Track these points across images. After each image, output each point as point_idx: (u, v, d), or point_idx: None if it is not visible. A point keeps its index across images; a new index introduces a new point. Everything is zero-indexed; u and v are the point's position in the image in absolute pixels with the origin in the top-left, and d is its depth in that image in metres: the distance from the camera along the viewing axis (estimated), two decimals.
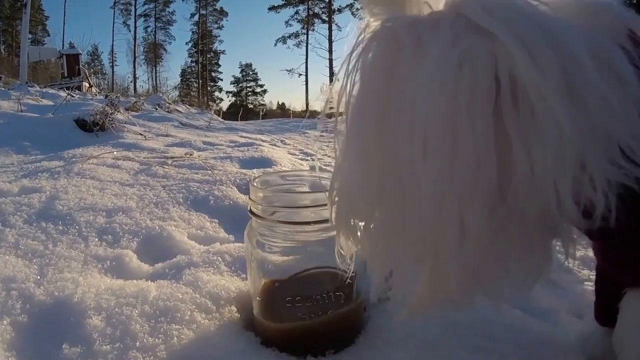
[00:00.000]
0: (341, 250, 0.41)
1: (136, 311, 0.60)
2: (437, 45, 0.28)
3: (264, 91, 26.37)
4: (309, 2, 23.37)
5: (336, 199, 0.37)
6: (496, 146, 0.27)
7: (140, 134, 2.59)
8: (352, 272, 0.56)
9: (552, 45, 0.26)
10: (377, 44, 0.32)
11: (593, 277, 0.58)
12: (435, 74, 0.27)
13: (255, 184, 0.58)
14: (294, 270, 0.55)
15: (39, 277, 0.69)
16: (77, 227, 0.91)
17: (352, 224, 0.36)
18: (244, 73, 26.27)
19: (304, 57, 23.66)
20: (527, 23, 0.27)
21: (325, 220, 0.53)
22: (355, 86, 0.33)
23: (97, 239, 0.87)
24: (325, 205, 0.52)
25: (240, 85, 26.27)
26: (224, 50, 26.10)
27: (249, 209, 0.57)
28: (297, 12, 23.81)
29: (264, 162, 1.76)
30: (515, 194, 0.28)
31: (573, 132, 0.26)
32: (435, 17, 0.30)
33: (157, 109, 4.69)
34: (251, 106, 24.21)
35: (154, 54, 24.36)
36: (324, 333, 0.56)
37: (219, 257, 0.78)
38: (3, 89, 4.52)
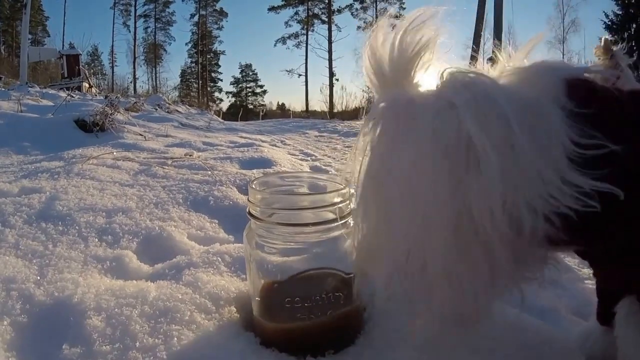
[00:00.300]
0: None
1: (136, 311, 0.60)
2: (423, 119, 0.38)
3: (264, 92, 26.39)
4: (309, 2, 23.40)
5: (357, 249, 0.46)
6: (457, 186, 0.36)
7: (140, 135, 2.59)
8: (351, 273, 0.56)
9: (496, 114, 0.36)
10: (382, 122, 0.41)
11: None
12: (418, 140, 0.38)
13: (253, 186, 0.58)
14: (293, 271, 0.55)
15: (39, 278, 0.69)
16: (77, 227, 0.91)
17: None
18: (244, 73, 26.29)
19: (304, 57, 23.71)
20: (483, 100, 0.37)
21: (324, 222, 0.53)
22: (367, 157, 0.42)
23: (97, 240, 0.87)
24: (324, 206, 0.52)
25: (240, 85, 26.28)
26: (223, 51, 26.12)
27: (247, 210, 0.57)
28: (296, 13, 23.86)
29: (264, 163, 1.76)
30: (470, 221, 0.37)
31: (502, 173, 0.35)
32: (426, 96, 0.40)
33: (157, 109, 4.69)
34: (251, 107, 24.22)
35: (153, 54, 24.37)
36: (323, 334, 0.56)
37: (218, 258, 0.78)
38: (3, 89, 4.53)
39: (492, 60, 0.46)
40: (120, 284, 0.69)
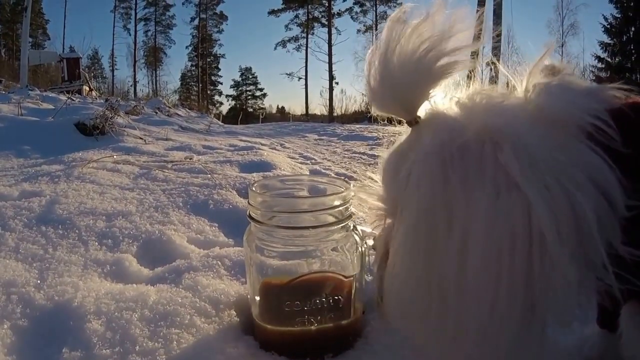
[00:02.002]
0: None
1: (136, 315, 0.60)
2: (484, 199, 0.35)
3: (264, 95, 26.43)
4: (309, 6, 23.44)
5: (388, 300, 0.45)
6: (529, 277, 0.35)
7: (140, 138, 2.59)
8: (351, 277, 0.56)
9: (570, 206, 0.34)
10: (425, 169, 0.39)
11: None
12: (484, 225, 0.35)
13: (254, 189, 0.58)
14: (292, 275, 0.55)
15: (39, 282, 0.69)
16: (77, 231, 0.91)
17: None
18: (244, 77, 26.34)
19: (304, 60, 23.75)
20: (555, 188, 0.34)
21: (324, 225, 0.54)
22: (407, 206, 0.40)
23: (97, 243, 0.87)
24: (324, 209, 0.53)
25: (240, 89, 26.32)
26: (223, 54, 26.15)
27: (248, 213, 0.57)
28: (296, 16, 23.90)
29: (264, 166, 1.76)
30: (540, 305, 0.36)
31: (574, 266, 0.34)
32: (476, 156, 0.37)
33: (157, 112, 4.70)
34: (251, 110, 24.27)
35: (154, 57, 24.40)
36: (322, 337, 0.56)
37: (218, 261, 0.78)
38: (3, 92, 4.54)
39: (492, 64, 0.45)
40: (120, 287, 0.69)
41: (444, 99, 0.44)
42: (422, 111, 0.44)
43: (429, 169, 0.38)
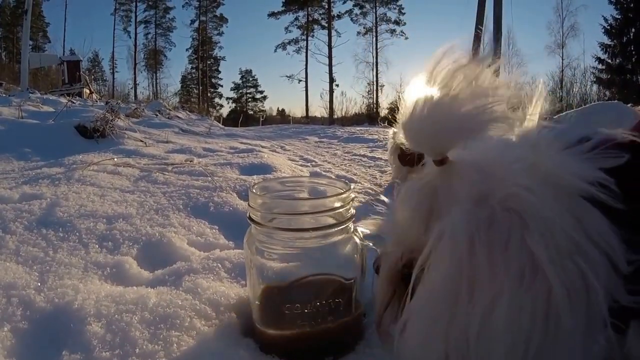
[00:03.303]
0: None
1: (136, 318, 0.60)
2: (508, 281, 0.36)
3: (264, 97, 26.42)
4: (309, 8, 23.49)
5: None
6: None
7: (141, 141, 2.59)
8: (351, 279, 0.56)
9: (583, 284, 0.36)
10: (452, 241, 0.39)
11: None
12: (506, 307, 0.36)
13: (254, 191, 0.58)
14: (293, 277, 0.55)
15: (39, 284, 0.69)
16: (77, 233, 0.91)
17: None
18: (244, 79, 26.34)
19: (304, 63, 23.79)
20: (570, 265, 0.36)
21: (324, 227, 0.54)
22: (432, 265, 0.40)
23: (97, 246, 0.87)
24: (324, 211, 0.52)
25: (240, 91, 26.33)
26: (224, 57, 26.16)
27: (248, 215, 0.57)
28: (296, 19, 23.94)
29: (264, 169, 1.76)
30: None
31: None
32: (503, 229, 0.38)
33: (157, 115, 4.70)
34: (251, 112, 24.27)
35: (154, 60, 24.43)
36: (323, 340, 0.56)
37: (218, 264, 0.78)
38: (4, 95, 4.54)
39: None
40: (120, 290, 0.69)
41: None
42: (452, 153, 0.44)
43: (459, 237, 0.39)
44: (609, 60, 16.49)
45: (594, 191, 0.38)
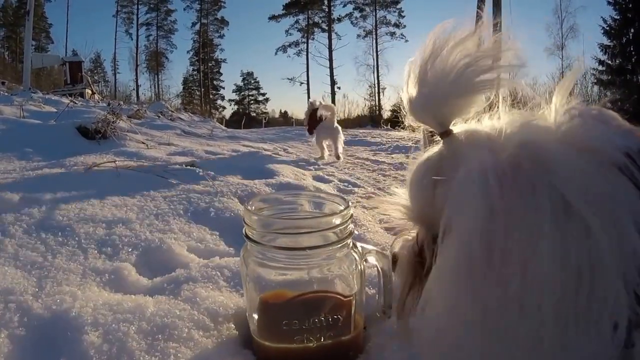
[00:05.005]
0: None
1: (133, 328, 0.59)
2: (544, 224, 0.34)
3: (266, 99, 26.46)
4: (309, 11, 23.53)
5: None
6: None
7: (143, 143, 2.59)
8: (350, 296, 0.55)
9: (618, 234, 0.34)
10: (474, 188, 0.36)
11: None
12: (550, 251, 0.34)
13: (249, 208, 0.57)
14: (290, 294, 0.54)
15: (37, 290, 0.68)
16: (76, 238, 0.91)
17: None
18: (246, 81, 26.38)
19: (305, 65, 23.81)
20: (603, 210, 0.34)
21: (322, 246, 0.53)
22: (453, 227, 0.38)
23: (96, 251, 0.86)
24: (322, 230, 0.52)
25: (242, 93, 26.36)
26: (225, 59, 26.24)
27: (244, 232, 0.56)
28: (297, 21, 23.99)
29: (267, 173, 1.76)
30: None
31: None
32: (529, 174, 0.35)
33: (159, 116, 4.70)
34: (254, 114, 24.30)
35: (155, 62, 24.49)
36: (322, 354, 0.55)
37: (218, 272, 0.77)
38: (6, 94, 4.55)
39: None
40: (118, 298, 0.68)
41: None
42: (456, 126, 0.44)
43: (480, 189, 0.36)
44: (609, 61, 16.42)
45: (627, 162, 0.36)
